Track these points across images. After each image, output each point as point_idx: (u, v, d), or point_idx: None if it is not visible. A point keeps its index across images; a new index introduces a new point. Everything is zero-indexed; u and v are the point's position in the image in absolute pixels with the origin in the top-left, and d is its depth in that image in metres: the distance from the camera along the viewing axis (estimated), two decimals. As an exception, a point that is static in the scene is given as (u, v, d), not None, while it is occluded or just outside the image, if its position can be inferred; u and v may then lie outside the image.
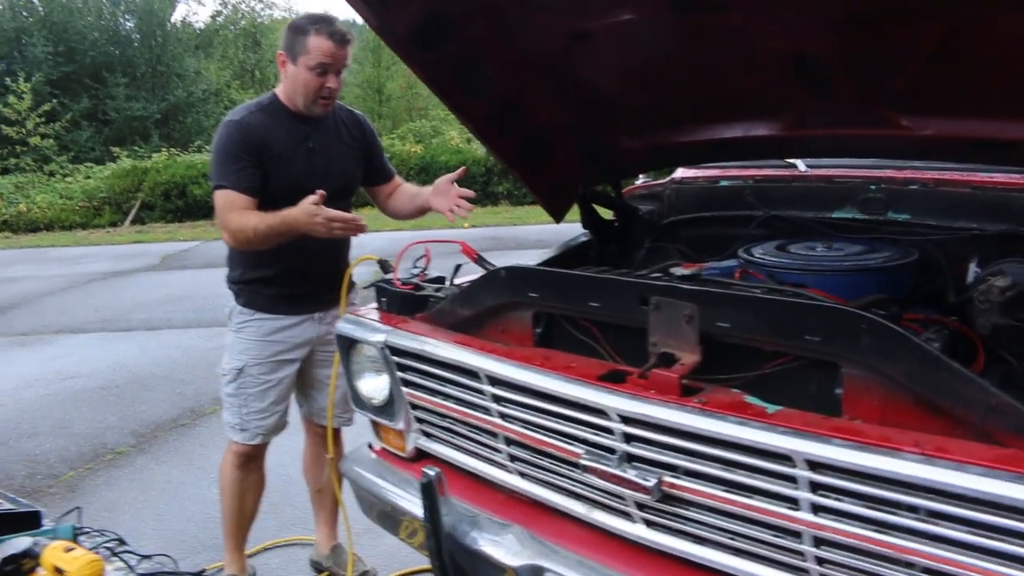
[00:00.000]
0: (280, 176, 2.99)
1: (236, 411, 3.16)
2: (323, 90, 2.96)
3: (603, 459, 1.84)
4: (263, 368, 3.13)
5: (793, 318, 1.67)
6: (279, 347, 3.14)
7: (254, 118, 3.01)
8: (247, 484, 3.29)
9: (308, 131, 3.06)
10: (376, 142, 3.36)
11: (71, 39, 28.04)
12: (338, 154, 3.16)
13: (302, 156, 3.04)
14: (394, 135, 23.68)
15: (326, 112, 3.07)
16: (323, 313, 3.18)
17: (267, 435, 3.21)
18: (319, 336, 3.20)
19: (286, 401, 3.24)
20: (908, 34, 1.95)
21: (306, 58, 2.91)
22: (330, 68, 2.93)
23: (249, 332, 3.13)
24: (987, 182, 2.41)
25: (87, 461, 4.90)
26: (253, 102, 3.13)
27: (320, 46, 2.90)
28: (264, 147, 2.96)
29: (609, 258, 2.93)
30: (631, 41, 2.37)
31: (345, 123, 3.22)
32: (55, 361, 7.14)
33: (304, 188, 2.95)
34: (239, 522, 3.33)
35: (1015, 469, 1.32)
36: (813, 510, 1.55)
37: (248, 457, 3.24)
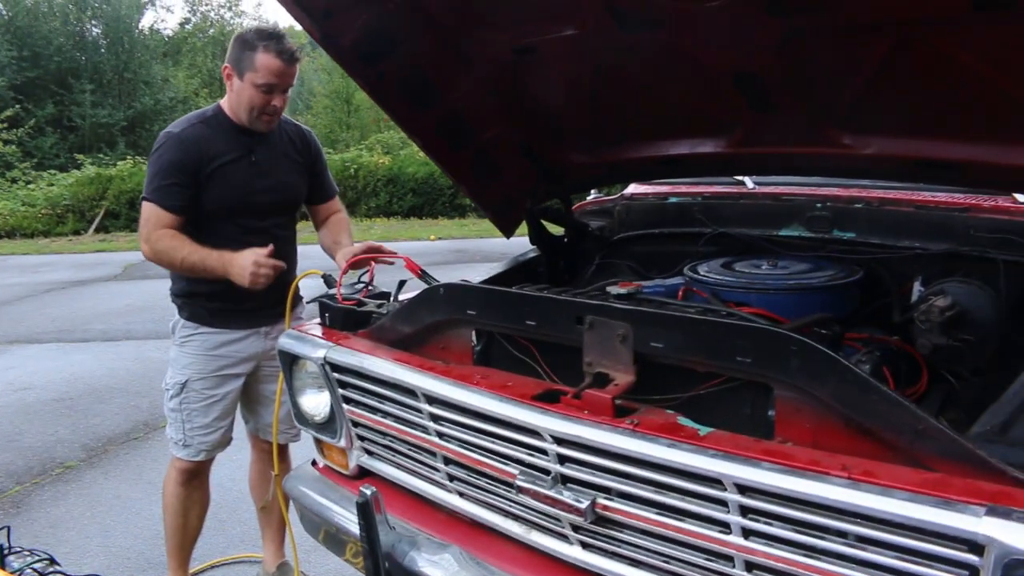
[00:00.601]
0: (220, 189, 2.94)
1: (179, 426, 3.09)
2: (268, 107, 2.91)
3: (538, 480, 1.81)
4: (207, 383, 3.07)
5: (724, 339, 1.65)
6: (223, 361, 3.08)
7: (195, 131, 2.95)
8: (191, 501, 3.22)
9: (252, 144, 3.01)
10: (322, 158, 3.30)
11: (36, 44, 27.73)
12: (282, 168, 3.09)
13: (244, 169, 2.98)
14: (362, 146, 23.61)
15: (269, 128, 3.01)
16: (269, 328, 3.13)
17: (211, 451, 3.15)
18: (264, 351, 3.15)
19: (230, 417, 3.17)
20: (848, 53, 1.96)
21: (253, 75, 2.86)
22: (276, 87, 2.89)
23: (193, 346, 3.07)
24: (930, 201, 2.42)
25: (35, 475, 4.79)
26: (196, 113, 3.08)
27: (268, 64, 2.84)
28: (203, 161, 2.90)
29: (558, 274, 2.92)
30: (577, 57, 2.36)
31: (291, 137, 3.16)
32: (7, 372, 7.00)
33: (245, 202, 2.95)
34: (182, 540, 3.26)
35: (940, 494, 1.31)
36: (744, 534, 1.53)
37: (191, 474, 3.17)
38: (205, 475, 3.26)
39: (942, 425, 1.41)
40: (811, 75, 2.08)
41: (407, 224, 18.09)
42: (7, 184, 22.20)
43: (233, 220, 2.98)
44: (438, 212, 19.08)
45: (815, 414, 1.57)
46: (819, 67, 2.05)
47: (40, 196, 20.27)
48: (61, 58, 28.17)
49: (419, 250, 12.79)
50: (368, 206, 19.26)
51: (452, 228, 16.77)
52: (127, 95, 29.16)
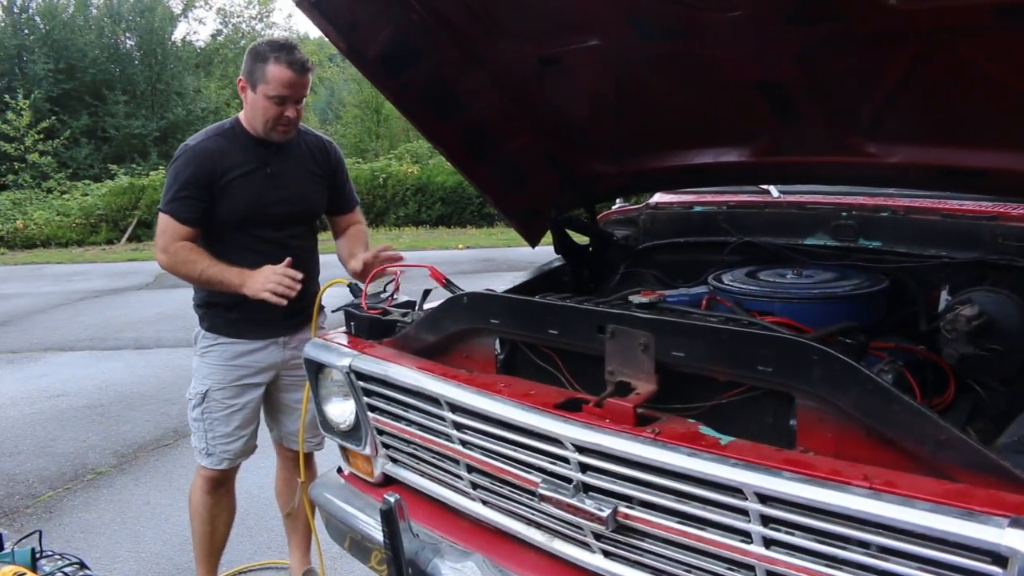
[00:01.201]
0: (234, 200, 2.97)
1: (202, 435, 3.13)
2: (282, 119, 2.93)
3: (560, 488, 1.82)
4: (227, 392, 3.10)
5: (745, 348, 1.65)
6: (243, 371, 3.11)
7: (211, 143, 2.99)
8: (217, 509, 3.26)
9: (268, 156, 3.03)
10: (342, 169, 3.31)
11: (72, 56, 28.15)
12: (299, 180, 3.11)
13: (259, 181, 3.01)
14: (391, 155, 23.72)
15: (286, 139, 3.02)
16: (288, 337, 3.15)
17: (234, 459, 3.18)
18: (284, 361, 3.17)
19: (253, 425, 3.20)
20: (871, 62, 1.96)
21: (265, 87, 2.87)
22: (289, 98, 2.90)
23: (213, 357, 3.10)
24: (957, 210, 2.40)
25: (67, 481, 4.86)
26: (215, 125, 3.13)
27: (279, 76, 2.85)
28: (217, 173, 2.94)
29: (583, 284, 2.92)
30: (601, 67, 2.37)
31: (311, 150, 3.18)
32: (41, 379, 7.11)
33: (259, 212, 2.99)
34: (210, 547, 3.30)
35: (963, 505, 1.30)
36: (765, 544, 1.53)
37: (217, 482, 3.21)
38: (231, 483, 3.30)
39: (966, 435, 1.40)
40: (834, 84, 2.08)
41: (435, 233, 18.15)
42: (43, 194, 22.55)
43: (248, 230, 3.01)
44: (466, 221, 19.13)
45: (837, 424, 1.56)
46: (842, 76, 2.05)
47: (74, 206, 20.56)
48: (96, 70, 28.58)
49: (447, 259, 12.85)
50: (397, 215, 19.35)
51: (480, 237, 16.79)
52: (160, 106, 29.51)
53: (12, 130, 23.58)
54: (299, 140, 3.13)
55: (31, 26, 29.58)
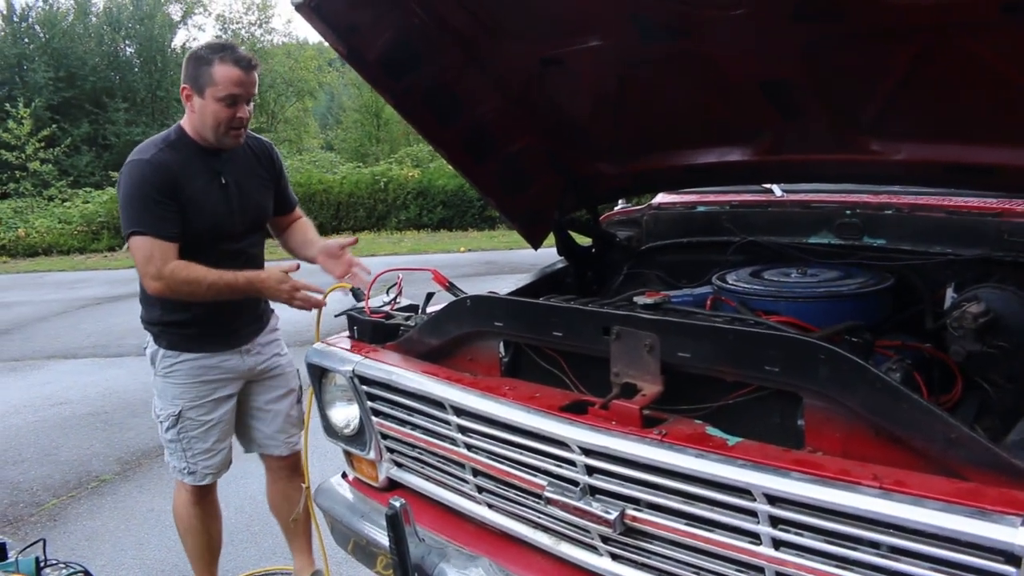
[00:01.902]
0: (196, 216, 2.85)
1: (180, 455, 3.08)
2: (234, 120, 2.82)
3: (566, 491, 1.81)
4: (201, 410, 3.04)
5: (752, 348, 1.64)
6: (213, 385, 3.05)
7: (164, 155, 2.84)
8: (209, 517, 3.25)
9: (220, 165, 2.93)
10: (284, 170, 3.24)
11: (72, 64, 28.23)
12: (251, 187, 3.03)
13: (216, 193, 2.91)
14: (392, 159, 23.74)
15: (238, 143, 2.92)
16: (249, 345, 3.10)
17: (216, 473, 3.15)
18: (250, 368, 3.11)
19: (230, 437, 3.16)
20: (875, 58, 1.94)
21: (214, 89, 2.77)
22: (240, 97, 2.80)
23: (179, 375, 3.01)
24: (962, 206, 2.39)
25: (71, 489, 4.85)
26: (158, 137, 2.94)
27: (227, 75, 2.76)
28: (177, 187, 2.81)
29: (586, 285, 2.91)
30: (603, 67, 2.36)
31: (256, 153, 3.09)
32: (44, 387, 7.10)
33: (221, 226, 2.91)
34: (209, 556, 3.29)
35: (974, 504, 1.29)
36: (774, 545, 1.51)
37: (203, 492, 3.18)
38: (213, 491, 3.27)
39: (976, 433, 1.39)
40: (838, 81, 2.07)
41: (437, 236, 18.13)
42: (44, 202, 22.57)
43: (210, 244, 2.90)
44: (468, 224, 19.11)
45: (845, 423, 1.55)
46: (846, 73, 2.04)
47: (76, 213, 20.57)
48: (96, 78, 28.66)
49: (449, 262, 12.83)
50: (398, 219, 19.34)
51: (482, 240, 16.76)
52: (160, 113, 29.59)
53: (13, 139, 23.62)
54: (244, 145, 3.02)
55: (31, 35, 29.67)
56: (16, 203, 22.34)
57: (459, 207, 19.18)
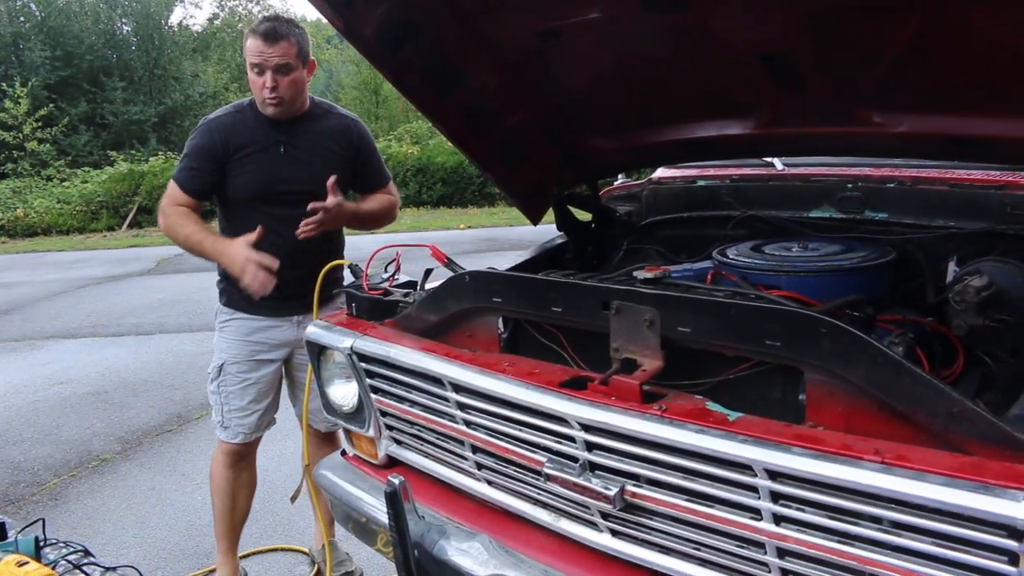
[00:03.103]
0: (246, 177, 3.03)
1: (218, 408, 3.19)
2: (263, 90, 2.94)
3: (566, 468, 1.80)
4: (241, 367, 3.16)
5: (753, 322, 1.62)
6: (257, 347, 3.16)
7: (227, 118, 3.08)
8: (239, 483, 3.29)
9: (283, 135, 3.06)
10: (366, 147, 3.28)
11: (68, 43, 27.99)
12: (316, 159, 3.09)
13: (271, 158, 3.04)
14: (391, 136, 23.64)
15: (275, 113, 3.01)
16: (302, 317, 3.16)
17: (249, 434, 3.21)
18: (297, 339, 3.18)
19: (266, 400, 3.23)
20: (878, 29, 1.91)
21: (247, 60, 2.97)
22: (264, 67, 2.92)
23: (229, 331, 3.17)
24: (964, 179, 2.37)
25: (72, 468, 4.86)
26: (238, 102, 3.19)
27: (250, 46, 2.93)
28: (231, 147, 3.01)
29: (586, 260, 2.89)
30: (603, 40, 2.33)
31: (333, 130, 3.17)
32: (45, 367, 7.11)
33: (271, 190, 3.02)
34: (231, 522, 3.32)
35: (977, 478, 1.28)
36: (775, 520, 1.50)
37: (237, 456, 3.24)
38: (252, 457, 3.33)
39: (978, 407, 1.37)
40: (839, 53, 2.04)
41: (437, 213, 18.11)
42: (42, 182, 22.49)
43: (261, 208, 3.03)
44: (468, 201, 19.08)
45: (847, 398, 1.54)
46: (847, 44, 2.01)
47: (75, 193, 20.51)
48: (93, 56, 28.42)
49: (449, 239, 12.82)
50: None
51: (482, 217, 16.75)
52: (158, 91, 29.37)
53: (10, 118, 23.51)
54: (320, 119, 3.16)
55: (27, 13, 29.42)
56: (14, 183, 22.26)
57: (459, 184, 19.15)
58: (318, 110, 3.18)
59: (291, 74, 2.96)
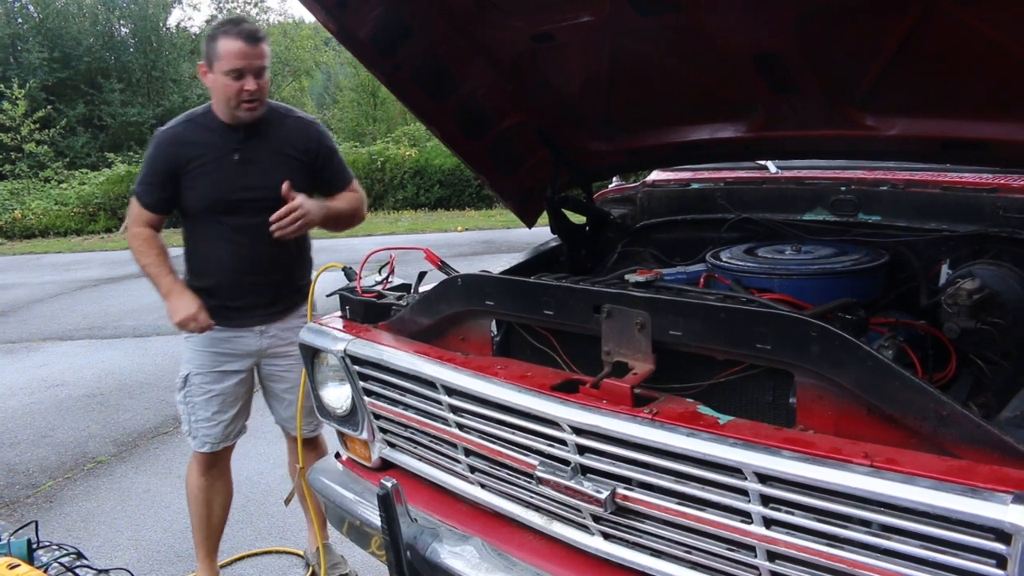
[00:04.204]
0: (201, 188, 2.97)
1: (186, 418, 3.17)
2: (242, 94, 2.86)
3: (557, 471, 1.80)
4: (206, 378, 3.12)
5: (743, 326, 1.62)
6: (221, 358, 3.11)
7: (180, 129, 3.01)
8: (213, 491, 3.27)
9: (239, 142, 2.97)
10: (326, 148, 3.17)
11: (66, 45, 27.98)
12: (273, 166, 2.99)
13: (226, 168, 2.96)
14: (389, 139, 23.61)
15: (252, 116, 2.93)
16: (265, 327, 3.12)
17: (216, 443, 3.17)
18: (262, 349, 3.15)
19: (232, 411, 3.18)
20: (870, 31, 1.92)
21: (220, 63, 2.84)
22: (245, 70, 2.84)
23: (193, 342, 3.12)
24: (957, 182, 2.37)
25: (67, 470, 4.85)
26: (189, 111, 3.11)
27: (230, 48, 2.82)
28: (183, 159, 2.94)
29: (580, 263, 2.89)
30: (595, 43, 2.34)
31: (290, 133, 3.07)
32: (41, 369, 7.10)
33: (226, 200, 2.96)
34: (207, 529, 3.30)
35: (965, 482, 1.28)
36: (765, 524, 1.51)
37: (209, 463, 3.22)
38: (225, 464, 3.31)
39: (968, 411, 1.38)
40: (832, 55, 2.05)
41: (434, 216, 18.09)
42: (40, 184, 22.46)
43: (218, 219, 3.00)
44: (465, 203, 19.05)
45: (837, 401, 1.54)
46: (840, 46, 2.01)
47: (72, 195, 20.47)
48: (91, 58, 28.41)
49: (446, 241, 12.82)
50: (395, 198, 19.27)
51: (479, 219, 16.72)
52: (156, 93, 29.37)
53: (8, 120, 23.48)
54: (277, 124, 3.06)
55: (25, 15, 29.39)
56: (12, 185, 22.23)
57: (456, 186, 19.12)
58: (275, 115, 3.07)
59: (265, 76, 2.92)
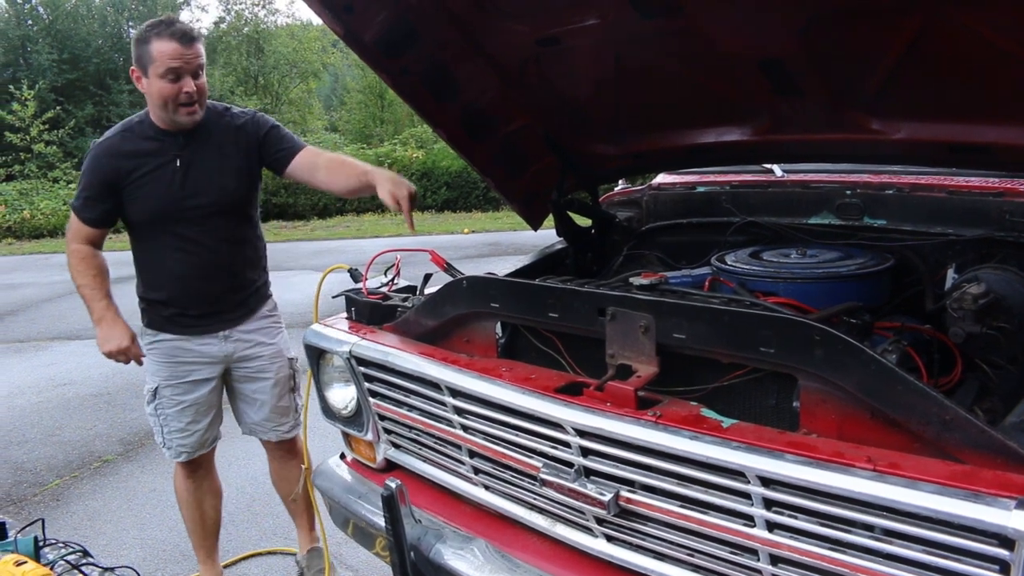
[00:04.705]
0: (144, 200, 2.88)
1: (158, 430, 3.12)
2: (181, 96, 2.76)
3: (561, 473, 1.80)
4: (175, 390, 3.07)
5: (746, 329, 1.62)
6: (188, 367, 3.07)
7: (116, 140, 2.90)
8: (201, 492, 3.26)
9: (178, 148, 2.88)
10: (269, 131, 3.02)
11: (75, 46, 28.17)
12: (215, 170, 2.93)
13: (167, 176, 2.87)
14: (396, 140, 23.65)
15: (193, 120, 2.84)
16: (228, 331, 3.08)
17: (192, 452, 3.14)
18: (228, 354, 3.10)
19: (206, 418, 3.13)
20: (874, 36, 1.92)
21: (155, 67, 2.74)
22: (182, 70, 2.75)
23: (156, 353, 3.06)
24: (963, 186, 2.37)
25: (74, 469, 4.87)
26: (125, 121, 3.01)
27: (164, 50, 2.72)
28: (122, 171, 2.85)
29: (585, 266, 2.89)
30: (600, 47, 2.34)
31: (231, 130, 2.98)
32: (49, 368, 7.12)
33: (169, 210, 2.88)
34: (203, 532, 3.31)
35: (968, 486, 1.28)
36: (768, 527, 1.51)
37: (194, 466, 3.21)
38: (209, 465, 3.29)
39: (972, 415, 1.38)
40: (837, 59, 2.04)
41: (441, 218, 18.11)
42: (49, 184, 22.58)
43: (166, 229, 2.92)
44: (472, 205, 19.08)
45: (840, 405, 1.54)
46: (845, 51, 2.01)
47: (81, 195, 20.55)
48: (100, 59, 28.61)
49: (453, 243, 12.83)
50: (402, 200, 19.29)
51: (486, 221, 16.74)
52: (163, 94, 29.49)
53: (18, 120, 23.62)
54: (215, 124, 2.96)
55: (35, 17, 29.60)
56: (21, 185, 22.35)
57: (463, 188, 19.15)
58: (213, 115, 2.97)
59: (202, 77, 2.84)
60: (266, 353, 3.15)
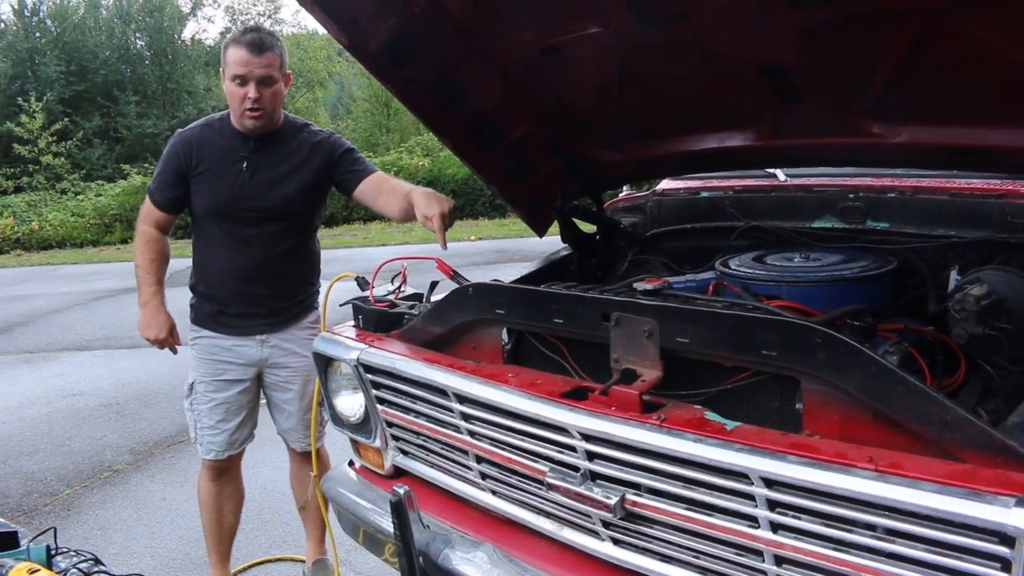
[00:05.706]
0: (206, 193, 3.03)
1: (192, 425, 3.22)
2: (245, 101, 2.89)
3: (567, 477, 1.82)
4: (209, 386, 3.15)
5: (749, 333, 1.64)
6: (223, 366, 3.14)
7: (196, 132, 3.08)
8: (223, 497, 3.29)
9: (248, 151, 3.00)
10: (343, 153, 3.12)
11: (83, 58, 28.32)
12: (280, 178, 3.02)
13: (232, 175, 3.00)
14: (402, 148, 23.72)
15: (256, 124, 2.95)
16: (266, 336, 3.14)
17: (220, 451, 3.19)
18: (263, 359, 3.16)
19: (236, 419, 3.19)
20: (875, 41, 1.93)
21: (227, 71, 2.91)
22: (248, 78, 2.86)
23: (197, 349, 3.19)
24: (965, 189, 2.38)
25: (84, 479, 4.90)
26: (210, 116, 3.18)
27: (234, 56, 2.87)
28: (192, 161, 3.01)
29: (590, 272, 2.91)
30: (603, 54, 2.36)
31: (305, 146, 3.08)
32: (58, 379, 7.17)
33: (228, 207, 3.00)
34: (219, 535, 3.33)
35: (969, 485, 1.29)
36: (772, 528, 1.52)
37: (218, 470, 3.25)
38: (235, 470, 3.33)
39: (974, 415, 1.39)
40: (838, 65, 2.06)
41: (447, 225, 18.12)
42: (57, 195, 22.73)
43: (219, 224, 3.06)
44: (478, 213, 19.11)
45: (843, 407, 1.55)
46: (846, 56, 2.03)
47: (89, 206, 20.68)
48: (107, 71, 28.75)
49: (459, 251, 12.84)
50: (409, 208, 19.32)
51: (492, 228, 16.77)
52: (171, 105, 29.66)
53: (26, 132, 23.77)
54: (291, 138, 3.07)
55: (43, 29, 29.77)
56: (29, 196, 22.50)
57: (469, 196, 19.17)
58: (291, 127, 3.10)
59: (273, 86, 2.94)
60: (296, 365, 3.19)
